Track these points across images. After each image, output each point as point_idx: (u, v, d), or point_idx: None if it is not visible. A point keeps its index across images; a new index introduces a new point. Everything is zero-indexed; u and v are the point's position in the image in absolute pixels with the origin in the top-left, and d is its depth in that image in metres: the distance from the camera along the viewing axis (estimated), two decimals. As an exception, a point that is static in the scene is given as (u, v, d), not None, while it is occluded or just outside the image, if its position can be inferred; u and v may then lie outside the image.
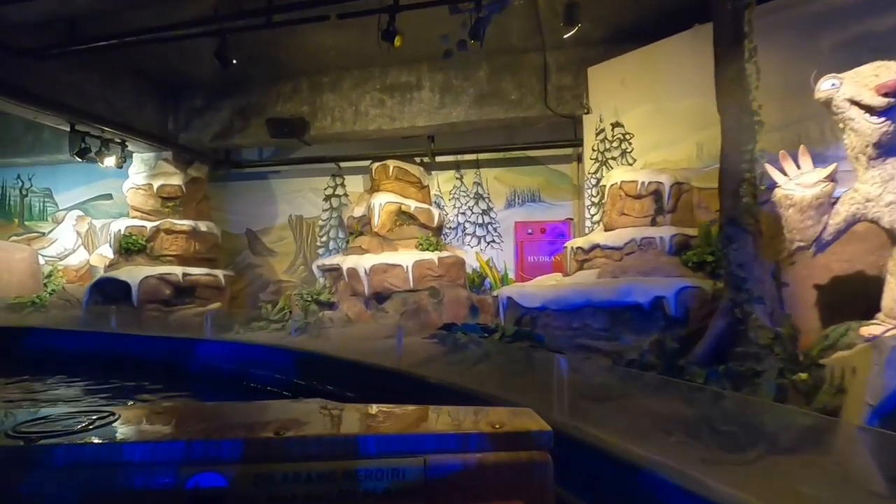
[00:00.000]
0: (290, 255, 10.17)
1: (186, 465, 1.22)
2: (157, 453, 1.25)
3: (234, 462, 1.25)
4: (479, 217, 9.36)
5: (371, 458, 1.31)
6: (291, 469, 1.26)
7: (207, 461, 1.24)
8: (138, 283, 7.74)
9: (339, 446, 1.33)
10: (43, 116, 6.89)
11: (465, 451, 1.36)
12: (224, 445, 1.27)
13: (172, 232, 8.50)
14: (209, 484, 1.22)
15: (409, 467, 1.31)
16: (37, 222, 11.68)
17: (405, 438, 1.36)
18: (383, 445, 1.33)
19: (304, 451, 1.29)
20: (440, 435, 1.38)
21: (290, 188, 10.22)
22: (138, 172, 8.78)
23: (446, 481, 1.31)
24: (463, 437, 1.38)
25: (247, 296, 10.26)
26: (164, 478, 1.21)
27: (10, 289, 9.48)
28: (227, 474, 1.23)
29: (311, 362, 5.49)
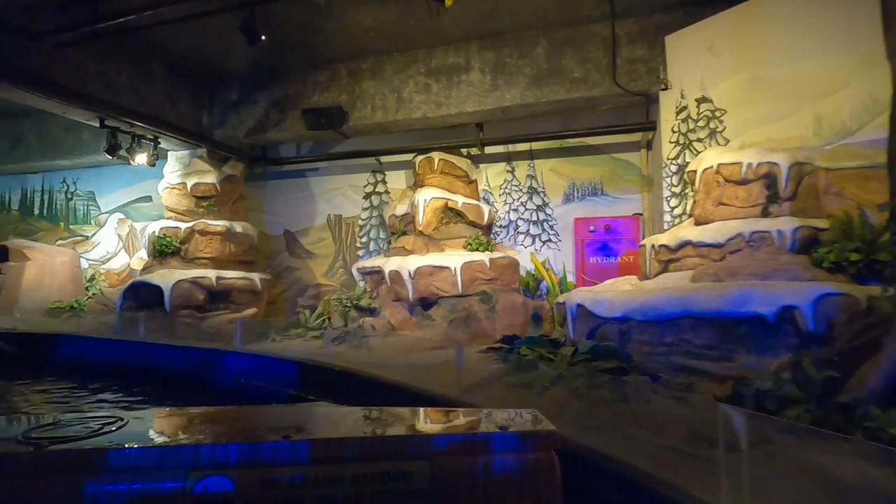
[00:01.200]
0: (330, 257, 9.56)
1: (194, 469, 1.21)
2: (166, 458, 1.24)
3: (241, 466, 1.24)
4: (533, 213, 8.43)
5: (378, 461, 1.29)
6: (298, 472, 1.25)
7: (215, 465, 1.23)
8: (171, 287, 7.28)
9: (346, 449, 1.31)
10: (71, 111, 6.52)
11: (471, 453, 1.34)
12: (231, 450, 1.26)
13: (207, 233, 8.04)
14: (217, 488, 1.21)
15: (416, 469, 1.28)
16: (81, 226, 11.63)
17: (412, 440, 1.35)
18: (390, 447, 1.32)
19: (311, 455, 1.28)
20: (447, 436, 1.36)
21: (328, 186, 9.63)
22: (173, 171, 8.38)
23: (453, 482, 1.29)
24: (469, 438, 1.36)
25: (285, 301, 9.73)
26: (172, 482, 1.21)
27: (52, 293, 9.32)
28: (234, 478, 1.22)
29: (349, 382, 4.73)
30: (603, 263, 7.81)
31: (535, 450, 1.40)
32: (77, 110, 6.49)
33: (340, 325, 7.85)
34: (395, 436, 1.40)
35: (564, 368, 4.17)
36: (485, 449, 1.38)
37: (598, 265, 7.83)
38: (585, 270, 7.82)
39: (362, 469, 1.30)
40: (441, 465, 1.33)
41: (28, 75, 5.54)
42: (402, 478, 1.31)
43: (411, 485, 1.30)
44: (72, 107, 6.34)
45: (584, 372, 4.00)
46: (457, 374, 4.64)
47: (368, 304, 7.95)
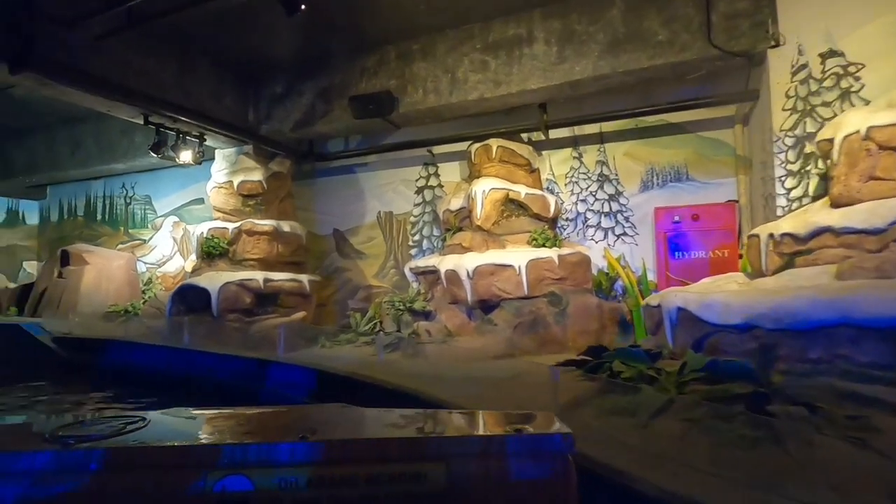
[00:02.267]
0: (380, 256, 9.01)
1: (214, 468, 1.21)
2: (186, 457, 1.25)
3: (259, 466, 1.23)
4: (604, 204, 7.47)
5: (393, 462, 1.28)
6: (315, 473, 1.24)
7: (234, 465, 1.23)
8: (218, 290, 6.93)
9: (362, 450, 1.31)
10: (116, 107, 6.28)
11: (486, 455, 1.32)
12: (249, 450, 1.26)
13: (254, 233, 7.67)
14: (236, 487, 1.21)
15: (431, 471, 1.27)
16: (139, 230, 11.76)
17: (427, 442, 1.34)
18: (405, 449, 1.31)
19: (328, 456, 1.27)
20: (462, 438, 1.37)
21: (378, 181, 9.08)
22: (220, 170, 8.10)
23: (469, 485, 1.27)
24: (485, 440, 1.36)
25: (335, 303, 9.27)
26: (192, 481, 1.21)
27: (109, 296, 9.33)
28: (252, 478, 1.21)
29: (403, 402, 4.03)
30: (690, 259, 6.74)
31: (551, 452, 1.38)
32: (121, 106, 6.23)
33: (393, 330, 7.24)
34: (411, 437, 1.40)
35: (673, 391, 3.28)
36: (500, 451, 1.36)
37: (684, 261, 6.76)
38: (669, 267, 6.78)
39: (378, 470, 1.30)
40: (457, 466, 1.31)
41: (68, 68, 5.28)
42: (418, 479, 1.29)
43: (427, 486, 1.29)
44: (115, 102, 6.08)
45: (701, 396, 3.10)
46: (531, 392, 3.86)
47: (423, 307, 7.29)
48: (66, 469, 1.23)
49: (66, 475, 1.22)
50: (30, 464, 1.22)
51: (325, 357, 6.08)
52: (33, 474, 1.21)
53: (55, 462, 1.24)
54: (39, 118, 10.03)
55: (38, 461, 1.23)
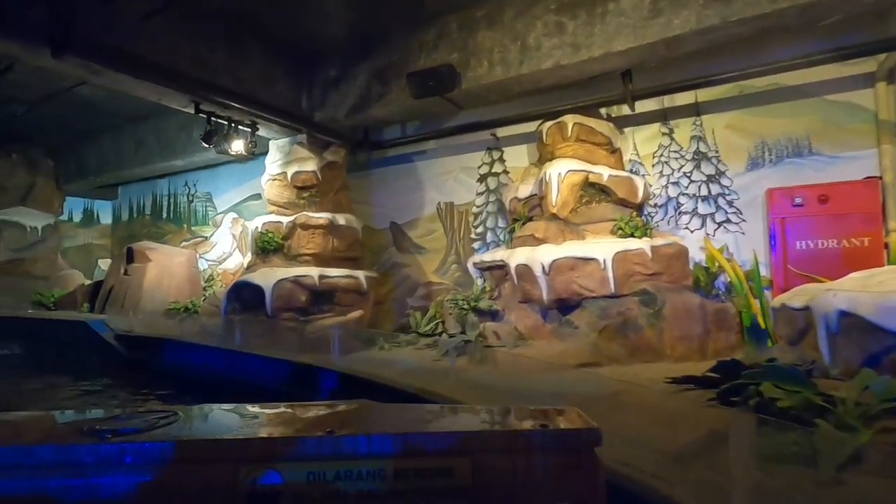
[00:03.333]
0: (441, 251, 8.34)
1: (244, 462, 1.23)
2: (217, 451, 1.26)
3: (288, 460, 1.24)
4: (701, 186, 6.38)
5: (419, 457, 1.28)
6: (343, 467, 1.24)
7: (264, 459, 1.24)
8: (272, 287, 6.53)
9: (389, 445, 1.30)
10: (167, 95, 5.99)
11: (512, 450, 1.31)
12: (279, 444, 1.27)
13: (308, 227, 7.23)
14: (266, 481, 1.22)
15: (457, 466, 1.27)
16: (201, 227, 11.81)
17: (453, 437, 1.33)
18: (431, 444, 1.30)
19: (355, 450, 1.27)
20: (488, 434, 1.36)
21: (438, 170, 8.41)
22: (273, 161, 7.74)
23: (494, 480, 1.27)
24: (510, 435, 1.34)
25: (393, 301, 8.72)
26: (223, 474, 1.21)
27: (170, 293, 9.29)
28: (282, 471, 1.22)
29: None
30: (816, 249, 5.55)
31: (577, 448, 1.34)
32: (172, 94, 5.93)
33: (457, 332, 6.55)
34: (437, 432, 1.37)
35: (862, 429, 2.34)
36: (526, 446, 1.33)
37: (809, 252, 5.57)
38: (790, 259, 5.61)
39: (404, 464, 1.28)
40: (482, 461, 1.29)
41: (113, 51, 4.97)
42: (444, 474, 1.27)
43: (453, 481, 1.26)
44: (166, 89, 5.77)
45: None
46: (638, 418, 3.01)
47: (489, 306, 6.55)
48: (102, 462, 1.24)
49: (102, 468, 1.23)
50: (68, 456, 1.23)
51: (385, 362, 5.49)
52: (72, 466, 1.22)
53: (93, 455, 1.25)
54: (107, 118, 10.19)
55: (77, 454, 1.24)
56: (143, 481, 1.24)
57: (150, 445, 1.28)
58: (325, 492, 1.26)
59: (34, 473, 1.21)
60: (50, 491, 1.20)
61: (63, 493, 1.20)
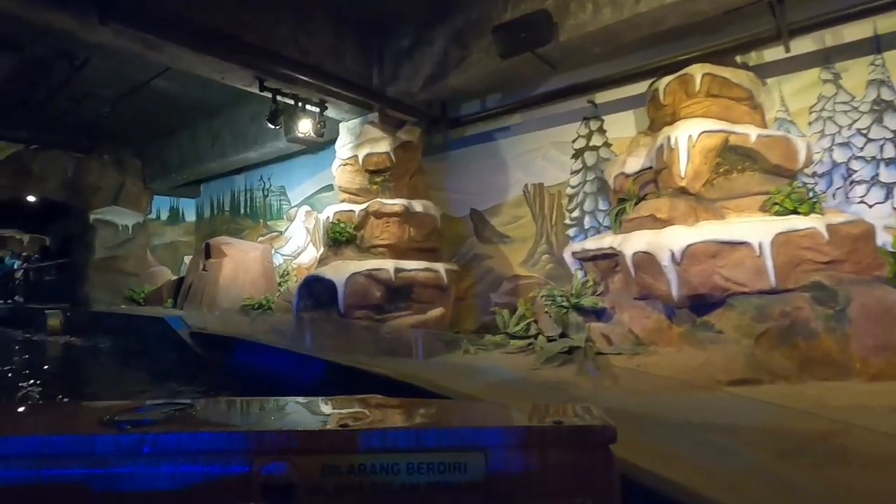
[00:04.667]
0: (529, 240, 7.30)
1: (259, 454, 1.24)
2: (233, 442, 1.26)
3: (302, 453, 1.25)
4: (885, 146, 4.83)
5: (433, 451, 1.28)
6: (357, 460, 1.25)
7: (278, 451, 1.25)
8: (344, 282, 5.86)
9: (402, 439, 1.30)
10: (229, 73, 5.46)
11: (526, 446, 1.30)
12: (293, 437, 1.28)
13: (382, 214, 6.49)
14: (280, 473, 1.23)
15: (471, 461, 1.27)
16: (276, 221, 11.62)
17: (466, 432, 1.32)
18: (444, 439, 1.30)
19: (368, 444, 1.27)
20: (501, 429, 1.34)
21: (524, 147, 7.37)
22: (344, 145, 7.10)
23: (508, 475, 1.26)
24: (524, 431, 1.33)
25: (474, 297, 7.81)
26: (238, 466, 1.23)
27: (245, 289, 9.04)
28: (296, 464, 1.23)
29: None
30: None
31: (591, 444, 1.31)
32: (234, 70, 5.39)
33: (555, 333, 5.52)
34: (451, 427, 1.37)
35: None
36: (540, 442, 1.30)
37: None
38: None
39: (418, 459, 1.26)
40: (496, 457, 1.26)
41: (168, 20, 4.45)
42: (458, 469, 1.25)
43: (467, 476, 1.24)
44: (228, 64, 5.24)
45: None
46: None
47: (594, 303, 5.45)
48: (121, 452, 1.25)
49: (121, 458, 1.24)
50: (88, 446, 1.25)
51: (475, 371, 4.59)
52: (92, 456, 1.24)
53: (112, 445, 1.26)
54: (184, 114, 10.19)
55: (97, 444, 1.26)
56: (161, 471, 1.24)
57: (167, 436, 1.29)
58: (340, 485, 1.24)
59: (56, 463, 1.22)
60: (71, 480, 1.21)
61: (84, 482, 1.21)
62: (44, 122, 9.79)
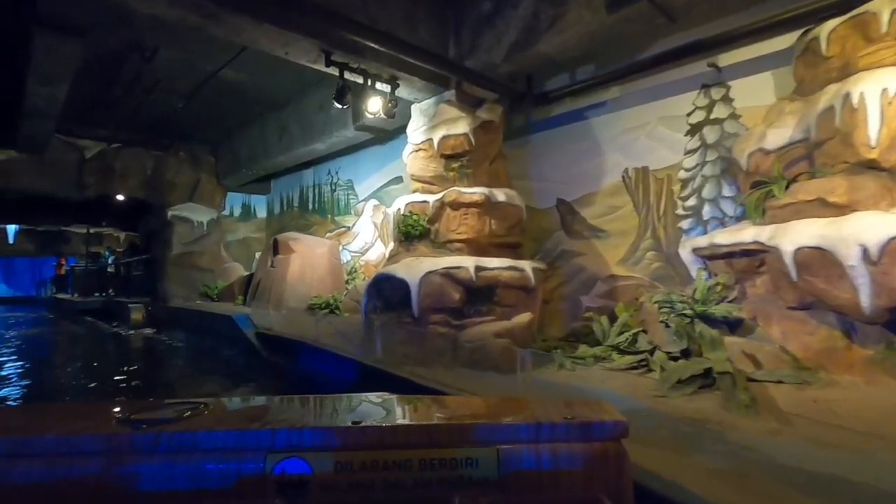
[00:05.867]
0: (629, 234, 6.21)
1: (273, 451, 1.26)
2: (247, 440, 1.28)
3: (315, 449, 1.27)
4: None
5: (444, 448, 1.28)
6: (369, 457, 1.26)
7: (292, 448, 1.27)
8: (418, 281, 5.13)
9: (414, 435, 1.32)
10: (293, 46, 4.88)
11: (537, 441, 1.29)
12: (306, 434, 1.28)
13: (460, 205, 5.69)
14: (294, 470, 1.25)
15: (483, 457, 1.27)
16: (343, 216, 11.22)
17: (477, 428, 1.32)
18: (456, 435, 1.30)
19: (381, 440, 1.28)
20: (512, 425, 1.33)
21: (623, 125, 6.27)
22: (416, 129, 6.36)
23: (520, 471, 1.26)
24: (535, 427, 1.31)
25: (561, 300, 6.83)
26: (252, 463, 1.24)
27: (312, 286, 8.61)
28: (310, 461, 1.25)
29: None
30: None
31: (603, 439, 1.30)
32: (298, 40, 4.79)
33: (676, 347, 4.46)
34: (462, 423, 1.34)
35: None
36: (552, 438, 1.29)
37: None
38: None
39: (430, 455, 1.26)
40: (508, 453, 1.26)
41: None
42: (470, 465, 1.25)
43: (479, 472, 1.24)
44: (291, 33, 4.64)
45: None
46: None
47: (727, 312, 4.36)
48: (138, 451, 1.25)
49: (137, 456, 1.25)
50: (105, 445, 1.27)
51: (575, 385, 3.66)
52: (108, 454, 1.25)
53: (128, 444, 1.27)
54: (253, 107, 9.99)
55: (114, 443, 1.27)
56: (176, 469, 1.24)
57: (183, 434, 1.29)
58: (353, 481, 1.24)
59: (74, 461, 1.24)
60: (89, 478, 1.22)
61: (101, 480, 1.22)
62: (123, 120, 9.95)
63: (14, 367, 7.58)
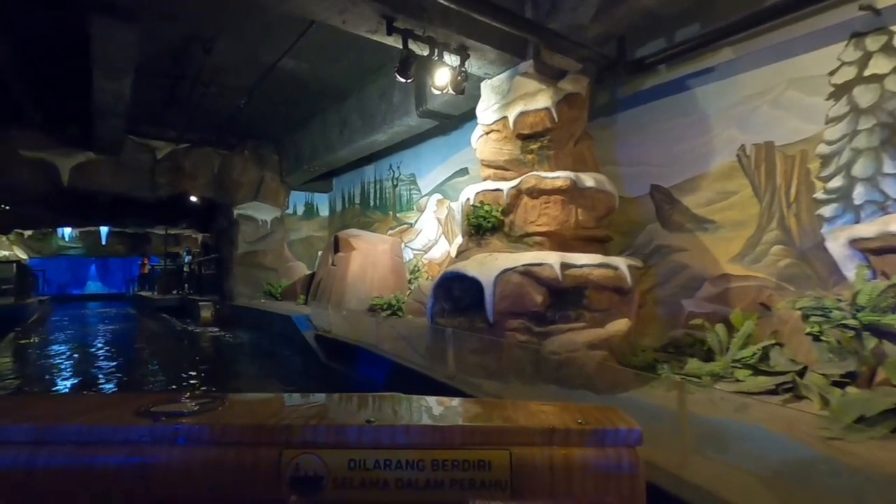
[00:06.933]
0: (747, 224, 5.12)
1: (288, 447, 1.26)
2: (263, 435, 1.28)
3: (329, 447, 1.27)
4: None
5: (457, 449, 1.29)
6: (383, 456, 1.27)
7: (307, 445, 1.27)
8: (493, 281, 4.38)
9: (427, 435, 1.32)
10: (350, 13, 4.29)
11: (550, 446, 1.29)
12: (320, 431, 1.29)
13: (540, 192, 4.88)
14: (308, 466, 1.24)
15: (495, 459, 1.26)
16: (405, 213, 10.69)
17: (491, 430, 1.32)
18: (468, 436, 1.31)
19: (394, 439, 1.29)
20: (526, 429, 1.33)
21: (739, 94, 5.19)
22: (487, 108, 5.61)
23: (532, 475, 1.25)
24: (549, 431, 1.31)
25: (655, 303, 5.83)
26: (268, 458, 1.24)
27: (374, 286, 8.10)
28: (324, 458, 1.25)
29: None
30: None
31: (616, 446, 1.29)
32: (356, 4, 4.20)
33: (833, 367, 3.43)
34: (475, 425, 1.35)
35: None
36: (566, 443, 1.29)
37: None
38: None
39: (443, 456, 1.26)
40: (520, 456, 1.26)
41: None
42: (482, 467, 1.24)
43: (492, 474, 1.24)
44: (348, 0, 4.04)
45: None
46: None
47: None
48: (156, 442, 1.27)
49: (156, 448, 1.26)
50: (125, 436, 1.28)
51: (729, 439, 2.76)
52: (128, 445, 1.26)
53: (148, 435, 1.28)
54: (314, 100, 9.68)
55: (134, 434, 1.28)
56: (194, 461, 1.25)
57: (200, 428, 1.29)
58: (366, 479, 1.24)
59: (96, 450, 1.25)
60: (109, 467, 1.23)
61: (120, 469, 1.23)
62: (190, 120, 9.99)
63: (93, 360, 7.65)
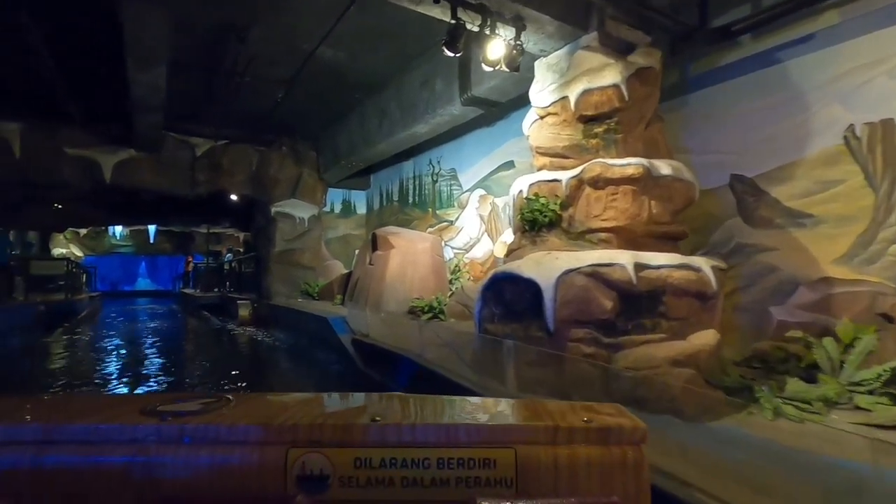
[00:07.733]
0: (856, 219, 4.31)
1: (294, 446, 1.28)
2: (268, 434, 1.30)
3: (335, 445, 1.29)
4: None
5: (462, 447, 1.29)
6: (388, 454, 1.28)
7: (312, 443, 1.29)
8: (554, 284, 3.78)
9: (432, 434, 1.32)
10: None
11: (555, 444, 1.29)
12: (326, 430, 1.30)
13: (606, 182, 4.24)
14: (314, 465, 1.26)
15: (500, 457, 1.27)
16: (446, 209, 10.17)
17: (495, 429, 1.32)
18: (473, 434, 1.30)
19: (400, 438, 1.30)
20: (531, 426, 1.34)
21: (844, 65, 4.38)
22: (542, 89, 4.99)
23: (537, 472, 1.27)
24: (553, 429, 1.31)
25: (736, 310, 5.07)
26: (275, 457, 1.26)
27: (413, 286, 7.62)
28: (330, 456, 1.26)
29: None
30: None
31: (620, 444, 1.29)
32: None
33: None
34: (480, 423, 1.34)
35: None
36: (570, 440, 1.29)
37: None
38: None
39: (448, 454, 1.27)
40: (525, 454, 1.26)
41: None
42: (487, 465, 1.25)
43: (496, 472, 1.25)
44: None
45: None
46: None
47: None
48: (162, 441, 1.28)
49: (162, 447, 1.27)
50: (132, 435, 1.30)
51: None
52: (135, 444, 1.28)
53: (154, 434, 1.30)
54: (352, 92, 9.30)
55: (140, 433, 1.30)
56: (199, 461, 1.26)
57: (206, 427, 1.31)
58: (371, 477, 1.25)
59: (101, 450, 1.27)
60: (115, 466, 1.25)
61: (126, 468, 1.25)
62: (228, 116, 9.82)
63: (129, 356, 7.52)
